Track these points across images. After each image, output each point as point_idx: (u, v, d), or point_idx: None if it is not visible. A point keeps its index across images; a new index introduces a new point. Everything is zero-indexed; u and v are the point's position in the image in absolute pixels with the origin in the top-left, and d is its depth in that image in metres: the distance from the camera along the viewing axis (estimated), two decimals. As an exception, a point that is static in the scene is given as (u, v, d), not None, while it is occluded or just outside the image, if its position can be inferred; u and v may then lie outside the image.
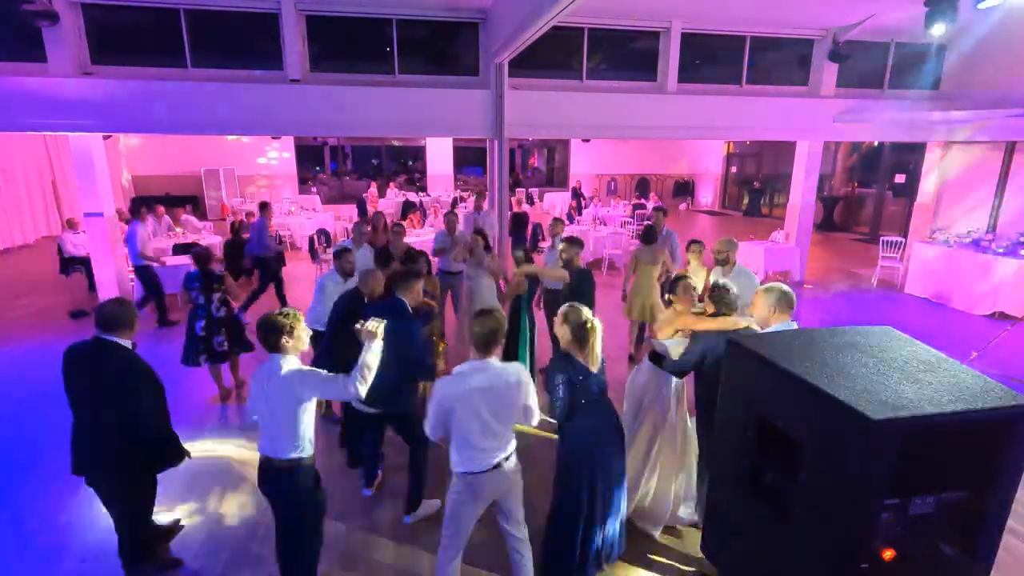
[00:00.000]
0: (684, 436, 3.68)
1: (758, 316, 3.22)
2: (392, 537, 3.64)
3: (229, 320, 5.25)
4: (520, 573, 2.94)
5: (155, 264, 7.62)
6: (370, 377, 2.74)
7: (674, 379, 3.60)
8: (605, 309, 6.06)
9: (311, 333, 2.88)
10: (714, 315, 3.50)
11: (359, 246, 5.95)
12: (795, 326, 3.10)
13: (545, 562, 3.15)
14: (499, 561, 3.23)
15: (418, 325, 3.73)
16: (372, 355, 2.73)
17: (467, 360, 2.74)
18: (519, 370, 2.75)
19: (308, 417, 2.73)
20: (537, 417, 2.86)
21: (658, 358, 3.58)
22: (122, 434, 2.92)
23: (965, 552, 1.35)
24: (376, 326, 2.76)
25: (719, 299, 3.49)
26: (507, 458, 2.76)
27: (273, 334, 2.66)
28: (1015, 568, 3.38)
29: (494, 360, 2.70)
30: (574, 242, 5.15)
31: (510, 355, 4.49)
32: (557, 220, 6.31)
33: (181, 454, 3.21)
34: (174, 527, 3.62)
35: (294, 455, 2.69)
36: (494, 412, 2.65)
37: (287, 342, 2.68)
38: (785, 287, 3.18)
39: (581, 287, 4.90)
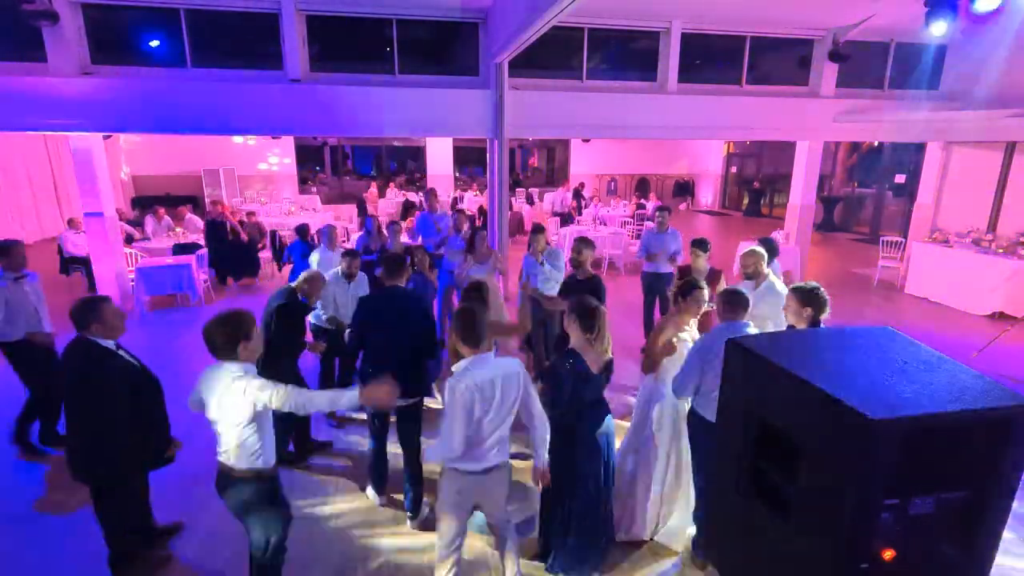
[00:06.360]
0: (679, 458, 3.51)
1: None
2: (392, 539, 3.64)
3: None
4: (507, 544, 2.98)
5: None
6: (323, 408, 2.62)
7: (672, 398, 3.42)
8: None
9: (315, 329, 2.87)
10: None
11: (332, 248, 5.95)
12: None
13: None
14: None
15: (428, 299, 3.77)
16: (345, 400, 2.58)
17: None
18: (516, 362, 2.74)
19: (265, 425, 2.58)
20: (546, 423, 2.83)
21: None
22: (94, 432, 2.90)
23: (965, 552, 1.35)
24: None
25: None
26: (505, 461, 2.77)
27: (231, 340, 2.46)
28: (1014, 568, 3.39)
29: (490, 354, 2.67)
30: (586, 243, 5.08)
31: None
32: (538, 227, 5.65)
33: (163, 458, 3.12)
34: (174, 528, 3.61)
35: (253, 466, 2.56)
36: (504, 403, 2.63)
37: (244, 347, 2.50)
38: (736, 289, 3.17)
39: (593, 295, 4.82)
